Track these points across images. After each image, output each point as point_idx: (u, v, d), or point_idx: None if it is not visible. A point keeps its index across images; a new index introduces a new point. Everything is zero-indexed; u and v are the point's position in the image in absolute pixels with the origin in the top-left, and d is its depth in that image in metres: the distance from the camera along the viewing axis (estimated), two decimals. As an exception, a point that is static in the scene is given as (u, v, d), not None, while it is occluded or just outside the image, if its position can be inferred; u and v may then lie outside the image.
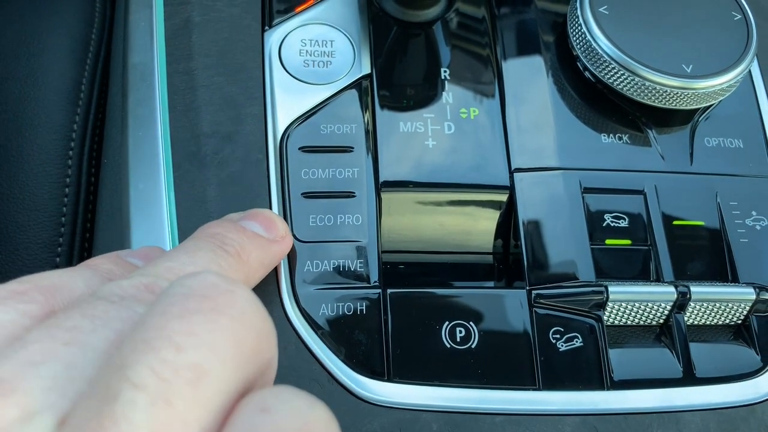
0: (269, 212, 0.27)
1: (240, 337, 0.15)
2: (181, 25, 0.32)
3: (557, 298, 0.28)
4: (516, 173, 0.31)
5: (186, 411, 0.13)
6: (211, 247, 0.22)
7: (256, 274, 0.24)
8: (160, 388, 0.13)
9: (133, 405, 0.13)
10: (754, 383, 0.28)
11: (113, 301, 0.16)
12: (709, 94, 0.31)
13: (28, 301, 0.17)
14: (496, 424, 0.26)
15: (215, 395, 0.14)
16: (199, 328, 0.14)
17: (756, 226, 0.31)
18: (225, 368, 0.14)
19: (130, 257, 0.23)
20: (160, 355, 0.14)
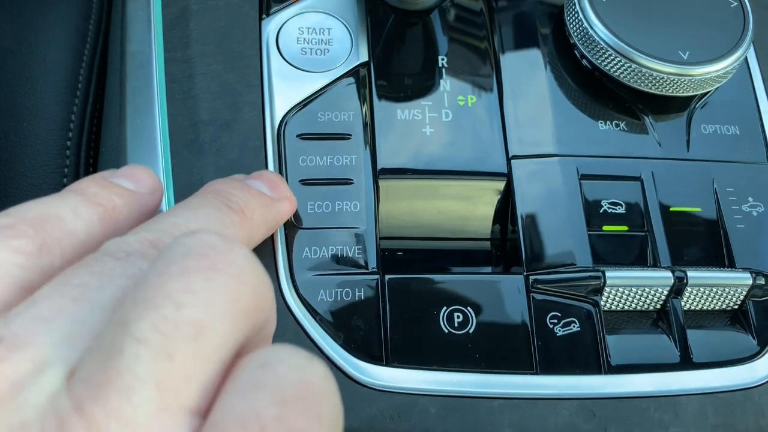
0: (274, 173, 0.27)
1: (237, 294, 0.15)
2: (178, 14, 0.32)
3: (554, 283, 0.28)
4: (513, 160, 0.31)
5: (187, 364, 0.14)
6: (215, 204, 0.22)
7: (260, 231, 0.24)
8: (162, 343, 0.14)
9: (137, 359, 0.14)
10: (751, 367, 0.28)
11: (119, 257, 0.17)
12: (706, 81, 0.31)
13: (17, 236, 0.17)
14: (493, 408, 0.26)
15: (214, 349, 0.15)
16: (197, 286, 0.15)
17: (752, 212, 0.31)
18: (223, 324, 0.15)
19: (115, 178, 0.22)
20: (160, 312, 0.14)
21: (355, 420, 0.26)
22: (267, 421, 0.14)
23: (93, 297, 0.16)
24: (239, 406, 0.14)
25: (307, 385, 0.15)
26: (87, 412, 0.13)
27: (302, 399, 0.14)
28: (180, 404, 0.14)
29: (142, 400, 0.13)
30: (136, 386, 0.13)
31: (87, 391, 0.13)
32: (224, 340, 0.15)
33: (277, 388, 0.14)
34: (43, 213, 0.18)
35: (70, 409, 0.13)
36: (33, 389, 0.14)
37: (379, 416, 0.26)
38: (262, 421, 0.14)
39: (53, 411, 0.13)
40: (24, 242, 0.17)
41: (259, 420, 0.14)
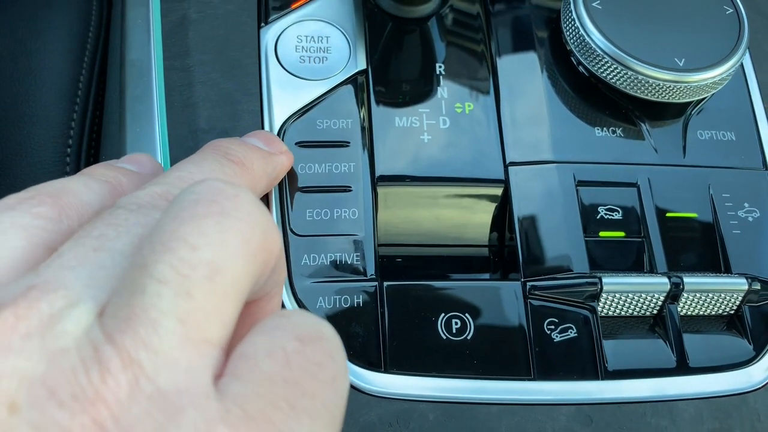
0: (268, 132, 0.29)
1: (247, 235, 0.17)
2: (177, 23, 0.32)
3: (552, 289, 0.28)
4: (511, 167, 0.31)
5: (205, 301, 0.15)
6: (216, 157, 0.23)
7: (261, 182, 0.26)
8: (181, 282, 0.15)
9: (159, 296, 0.15)
10: (747, 372, 0.29)
11: (131, 209, 0.18)
12: (702, 88, 0.31)
13: (37, 204, 0.18)
14: (491, 414, 0.26)
15: (230, 287, 0.16)
16: (209, 229, 0.16)
17: (748, 217, 0.32)
18: (236, 263, 0.16)
19: (120, 163, 0.24)
20: (177, 255, 0.15)
21: (353, 426, 0.26)
22: (290, 352, 0.16)
23: (111, 245, 0.17)
24: (265, 340, 0.16)
25: (320, 332, 0.17)
26: (118, 341, 0.14)
27: (317, 341, 0.17)
28: (202, 336, 0.15)
29: (167, 331, 0.15)
30: (160, 320, 0.15)
31: (116, 324, 0.15)
32: (238, 278, 0.16)
33: (296, 330, 0.17)
34: (59, 187, 0.19)
35: (103, 339, 0.14)
36: (69, 321, 0.15)
37: (377, 422, 0.26)
38: (286, 352, 0.16)
39: (88, 340, 0.14)
40: (44, 209, 0.18)
41: (284, 350, 0.16)
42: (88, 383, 0.14)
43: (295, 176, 0.30)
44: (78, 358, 0.14)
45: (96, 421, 0.13)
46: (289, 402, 0.15)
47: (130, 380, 0.14)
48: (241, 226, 0.16)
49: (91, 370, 0.14)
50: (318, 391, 0.16)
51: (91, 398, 0.14)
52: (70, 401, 0.13)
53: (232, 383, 0.15)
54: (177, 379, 0.14)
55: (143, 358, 0.14)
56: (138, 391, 0.14)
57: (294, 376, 0.16)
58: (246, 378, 0.15)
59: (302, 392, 0.16)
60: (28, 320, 0.14)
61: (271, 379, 0.16)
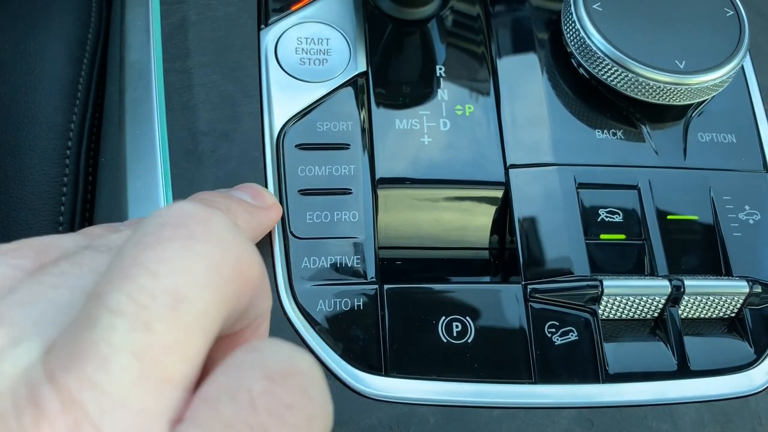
0: (256, 185, 0.28)
1: (217, 261, 0.15)
2: (177, 24, 0.32)
3: (552, 292, 0.28)
4: (511, 169, 0.31)
5: (167, 334, 0.14)
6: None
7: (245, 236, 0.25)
8: (139, 313, 0.14)
9: (112, 329, 0.13)
10: (748, 375, 0.29)
11: (101, 250, 0.17)
12: (702, 90, 0.31)
13: (19, 257, 0.17)
14: (492, 418, 0.26)
15: (196, 318, 0.14)
16: (174, 255, 0.15)
17: (749, 220, 0.31)
18: (204, 291, 0.15)
19: (122, 227, 0.23)
20: (136, 283, 0.14)
21: (354, 430, 0.26)
22: (256, 394, 0.14)
23: (72, 283, 0.15)
24: (229, 380, 0.15)
25: (294, 366, 0.15)
26: (59, 380, 0.13)
27: (289, 377, 0.15)
28: (161, 375, 0.14)
29: (119, 369, 0.13)
30: (111, 356, 0.13)
31: (60, 361, 0.13)
32: (206, 309, 0.15)
33: (266, 367, 0.15)
34: (47, 243, 0.18)
35: (43, 378, 0.13)
36: (6, 360, 0.13)
37: (378, 426, 0.26)
38: (251, 394, 0.14)
39: (25, 381, 0.13)
40: (23, 261, 0.17)
41: (249, 392, 0.14)
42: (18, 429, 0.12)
43: (296, 179, 0.30)
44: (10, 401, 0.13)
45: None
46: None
47: (69, 425, 0.12)
48: (210, 251, 0.15)
49: (24, 414, 0.13)
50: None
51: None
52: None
53: (191, 430, 0.14)
54: (126, 424, 0.13)
55: (87, 399, 0.13)
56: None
57: (261, 421, 0.14)
58: (205, 425, 0.14)
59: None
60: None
61: (233, 427, 0.14)
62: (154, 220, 0.15)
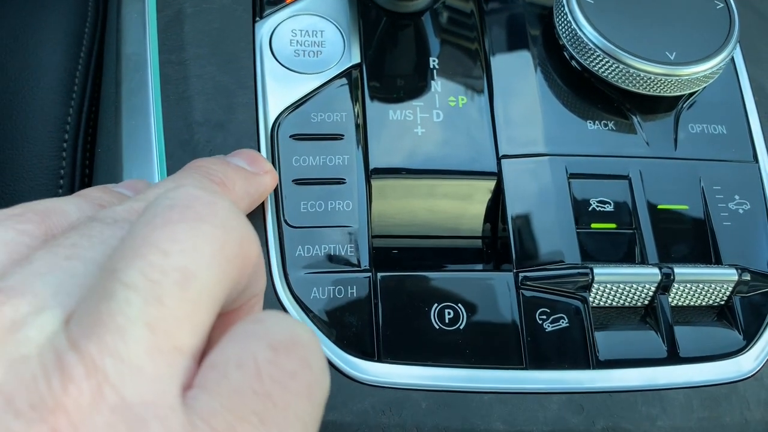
0: (253, 150, 0.28)
1: (222, 242, 0.16)
2: (173, 17, 0.32)
3: (543, 280, 0.29)
4: (503, 159, 0.31)
5: (176, 308, 0.15)
6: (197, 176, 0.23)
7: (242, 202, 0.25)
8: (151, 288, 0.15)
9: (127, 302, 0.14)
10: (736, 362, 0.29)
11: (107, 222, 0.18)
12: (693, 81, 0.32)
13: (24, 222, 0.18)
14: (484, 402, 0.27)
15: (202, 294, 0.15)
16: (182, 235, 0.16)
17: (739, 209, 0.32)
18: (210, 270, 0.16)
19: (117, 188, 0.24)
20: (148, 260, 0.15)
21: (347, 414, 0.26)
22: (261, 362, 0.15)
23: (84, 255, 0.16)
24: (235, 349, 0.16)
25: (296, 337, 0.16)
26: (83, 348, 0.14)
27: (292, 347, 0.16)
28: (172, 344, 0.15)
29: (135, 339, 0.14)
30: (128, 327, 0.14)
31: (82, 331, 0.14)
32: (212, 286, 0.16)
33: (269, 337, 0.16)
34: (48, 206, 0.19)
35: (67, 346, 0.14)
36: (32, 327, 0.14)
37: (371, 411, 0.26)
38: (257, 362, 0.15)
39: (51, 347, 0.14)
40: (30, 227, 0.18)
41: (255, 361, 0.15)
42: (48, 391, 0.13)
43: (290, 168, 0.30)
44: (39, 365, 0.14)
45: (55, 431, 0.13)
46: (259, 415, 0.15)
47: (93, 389, 0.13)
48: (216, 232, 0.16)
49: (52, 377, 0.13)
50: (291, 402, 0.15)
51: (51, 407, 0.13)
52: (28, 410, 0.13)
53: (200, 396, 0.15)
54: (143, 389, 0.14)
55: (108, 365, 0.14)
56: (101, 400, 0.13)
57: (265, 387, 0.15)
58: (214, 390, 0.15)
59: (273, 405, 0.15)
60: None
61: (240, 392, 0.15)
62: (163, 202, 0.16)
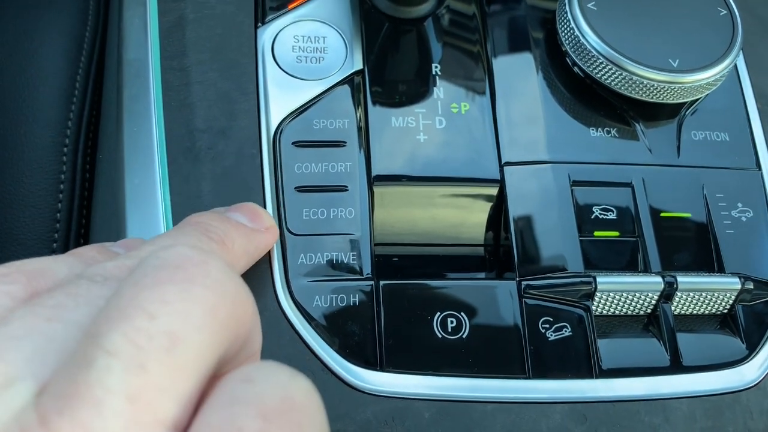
0: (254, 205, 0.27)
1: (213, 305, 0.15)
2: (175, 22, 0.32)
3: (546, 288, 0.29)
4: (506, 167, 0.31)
5: (161, 376, 0.14)
6: (195, 233, 0.22)
7: (241, 261, 0.24)
8: (134, 354, 0.14)
9: (108, 371, 0.13)
10: (739, 371, 0.29)
11: (96, 281, 0.17)
12: (696, 88, 0.32)
13: (10, 282, 0.17)
14: (486, 412, 0.27)
15: (191, 361, 0.14)
16: (171, 297, 0.15)
17: (741, 217, 0.32)
18: (199, 335, 0.15)
19: (113, 247, 0.23)
20: (133, 324, 0.14)
21: (349, 424, 0.26)
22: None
23: (67, 316, 0.15)
24: (220, 419, 0.14)
25: (290, 401, 0.15)
26: (52, 425, 0.13)
27: (285, 413, 0.14)
28: (154, 417, 0.14)
29: (113, 413, 0.13)
30: (106, 399, 0.13)
31: (54, 404, 0.13)
32: (201, 351, 0.15)
33: (260, 403, 0.14)
34: (38, 267, 0.18)
35: (35, 422, 0.13)
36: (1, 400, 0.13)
37: (373, 420, 0.26)
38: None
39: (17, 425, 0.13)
40: (15, 287, 0.17)
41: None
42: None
43: (292, 175, 0.30)
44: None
45: None
46: None
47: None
48: (207, 295, 0.15)
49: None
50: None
51: None
52: None
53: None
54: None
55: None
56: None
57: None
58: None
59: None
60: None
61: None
62: (152, 262, 0.15)
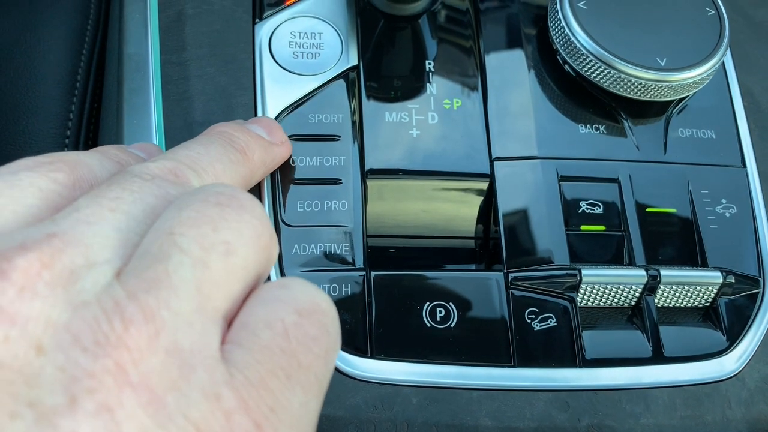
0: (271, 119, 0.30)
1: (259, 231, 0.19)
2: (174, 18, 0.33)
3: (533, 280, 0.30)
4: (496, 162, 0.32)
5: (218, 273, 0.17)
6: (221, 142, 0.24)
7: (259, 171, 0.27)
8: (201, 254, 0.17)
9: (182, 264, 0.16)
10: (719, 362, 0.30)
11: (146, 179, 0.19)
12: (683, 87, 0.32)
13: (56, 170, 0.19)
14: (472, 399, 0.28)
15: (239, 267, 0.18)
16: (230, 216, 0.18)
17: (725, 213, 0.33)
18: (247, 249, 0.18)
19: (132, 149, 0.25)
20: (201, 231, 0.17)
21: (340, 409, 0.27)
22: (289, 325, 0.17)
23: (127, 209, 0.18)
24: (265, 311, 0.18)
25: (317, 305, 0.18)
26: (141, 300, 0.15)
27: (315, 313, 0.18)
28: (214, 305, 0.17)
29: (187, 297, 0.16)
30: (181, 285, 0.16)
31: (140, 284, 0.16)
32: (247, 262, 0.18)
33: (295, 303, 0.18)
34: (75, 159, 0.20)
35: (125, 296, 0.15)
36: (88, 278, 0.16)
37: (362, 405, 0.27)
38: (284, 324, 0.17)
39: (108, 296, 0.15)
40: (61, 175, 0.19)
41: (282, 323, 0.17)
42: (111, 331, 0.15)
43: (288, 168, 0.31)
44: (100, 310, 0.15)
45: (118, 364, 0.14)
46: (286, 372, 0.17)
47: (151, 333, 0.15)
48: (255, 222, 0.18)
49: (114, 320, 0.15)
50: (312, 363, 0.17)
51: (114, 344, 0.15)
52: (93, 346, 0.14)
53: (235, 350, 0.16)
54: (192, 339, 0.16)
55: (165, 316, 0.15)
56: (158, 343, 0.15)
57: (291, 347, 0.17)
58: (247, 346, 0.17)
59: (298, 364, 0.17)
60: (52, 270, 0.15)
61: (270, 349, 0.17)
62: (215, 189, 0.19)
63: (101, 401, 0.14)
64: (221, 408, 0.15)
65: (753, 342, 0.30)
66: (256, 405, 0.16)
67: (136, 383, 0.14)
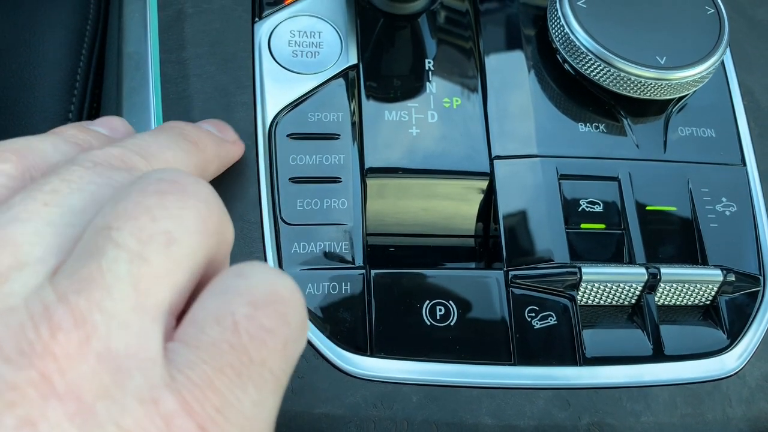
0: (221, 120, 0.30)
1: (204, 216, 0.17)
2: (173, 17, 0.33)
3: (533, 278, 0.29)
4: (496, 160, 0.32)
5: (159, 266, 0.16)
6: (172, 133, 0.24)
7: (212, 163, 0.26)
8: (138, 248, 0.16)
9: (117, 260, 0.15)
10: (720, 360, 0.30)
11: (87, 167, 0.18)
12: (682, 85, 0.32)
13: (2, 161, 0.18)
14: (472, 397, 0.28)
15: (184, 257, 0.17)
16: (170, 204, 0.17)
17: (725, 211, 0.33)
18: (191, 237, 0.17)
19: (93, 126, 0.24)
20: (138, 223, 0.16)
21: (339, 407, 0.27)
22: (239, 318, 0.16)
23: (63, 202, 0.17)
24: (215, 305, 0.17)
25: (276, 294, 0.17)
26: (72, 302, 0.15)
27: (272, 303, 0.17)
28: (154, 302, 0.16)
29: (122, 296, 0.15)
30: (116, 284, 0.15)
31: (71, 285, 0.15)
32: (192, 251, 0.17)
33: (250, 293, 0.17)
34: (24, 145, 0.19)
35: (55, 299, 0.15)
36: (17, 281, 0.15)
37: (362, 404, 0.27)
38: (235, 318, 0.16)
39: (38, 299, 0.15)
40: (8, 166, 0.18)
41: (233, 317, 0.16)
42: (36, 338, 0.14)
43: (287, 167, 0.31)
44: (27, 315, 0.14)
45: (43, 375, 0.14)
46: (236, 369, 0.16)
47: (81, 338, 0.14)
48: (199, 206, 0.17)
49: (40, 326, 0.14)
50: (267, 358, 0.16)
51: (39, 353, 0.14)
52: (17, 356, 0.14)
53: (180, 349, 0.16)
54: (128, 342, 0.15)
55: (97, 320, 0.14)
56: (88, 350, 0.14)
57: (242, 342, 0.16)
58: (193, 344, 0.16)
59: (249, 360, 0.16)
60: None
61: (217, 346, 0.16)
62: (156, 175, 0.18)
63: (22, 415, 0.13)
64: (159, 412, 0.14)
65: (754, 340, 0.30)
66: (200, 407, 0.15)
67: (62, 393, 0.14)
